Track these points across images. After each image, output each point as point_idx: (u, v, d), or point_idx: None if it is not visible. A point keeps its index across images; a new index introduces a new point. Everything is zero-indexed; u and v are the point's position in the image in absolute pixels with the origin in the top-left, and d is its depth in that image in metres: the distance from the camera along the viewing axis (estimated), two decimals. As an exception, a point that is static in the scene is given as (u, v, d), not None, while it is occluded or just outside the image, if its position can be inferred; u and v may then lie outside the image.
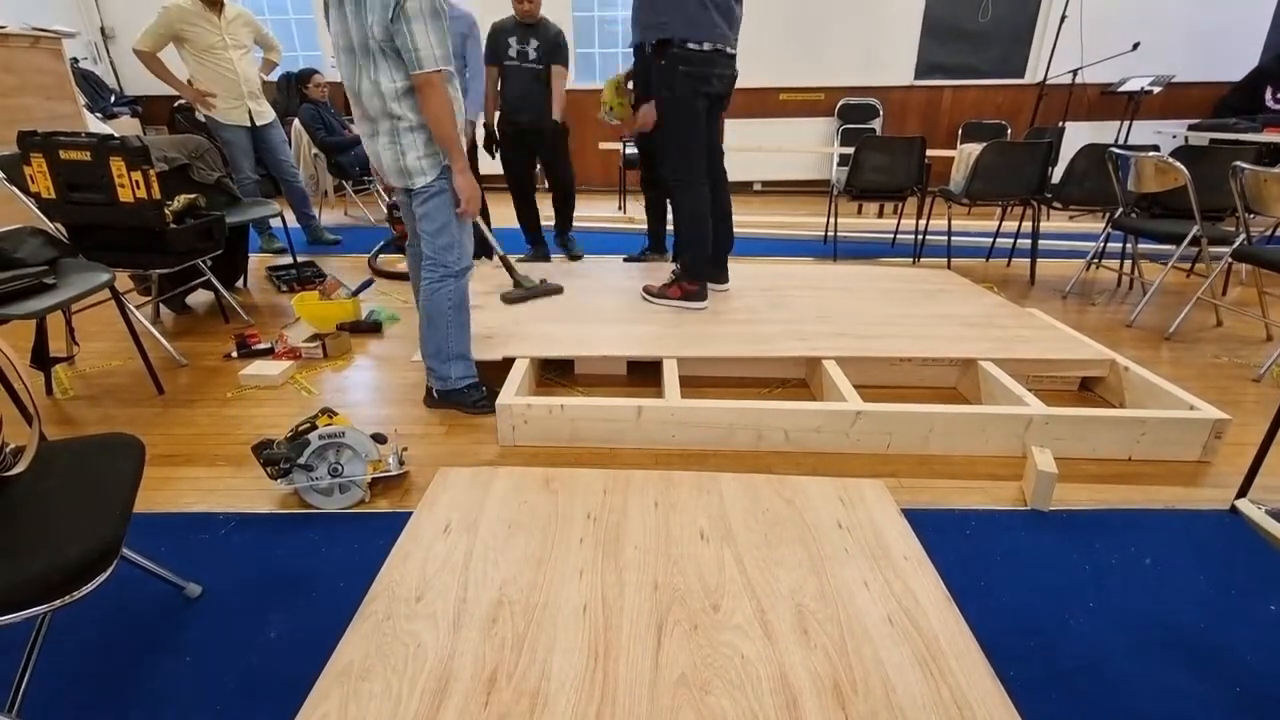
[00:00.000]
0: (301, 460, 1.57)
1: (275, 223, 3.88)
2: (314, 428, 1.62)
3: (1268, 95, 5.54)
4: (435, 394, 2.08)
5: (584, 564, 1.37)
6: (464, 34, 3.15)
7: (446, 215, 1.86)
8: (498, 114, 3.55)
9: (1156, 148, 3.18)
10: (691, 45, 2.30)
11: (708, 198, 2.56)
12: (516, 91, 3.44)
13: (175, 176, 2.75)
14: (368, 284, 2.98)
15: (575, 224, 4.39)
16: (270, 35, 3.80)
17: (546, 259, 3.80)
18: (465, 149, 1.87)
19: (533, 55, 3.39)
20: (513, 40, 3.38)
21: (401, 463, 1.70)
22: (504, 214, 4.57)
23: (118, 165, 2.19)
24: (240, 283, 3.36)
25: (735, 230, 2.88)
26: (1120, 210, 3.18)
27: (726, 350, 2.21)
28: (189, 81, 3.58)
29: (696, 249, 2.59)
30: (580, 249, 4.05)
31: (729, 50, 2.41)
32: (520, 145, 3.59)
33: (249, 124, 3.71)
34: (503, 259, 2.89)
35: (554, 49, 3.46)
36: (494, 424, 1.88)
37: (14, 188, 2.28)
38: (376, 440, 1.65)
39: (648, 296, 2.68)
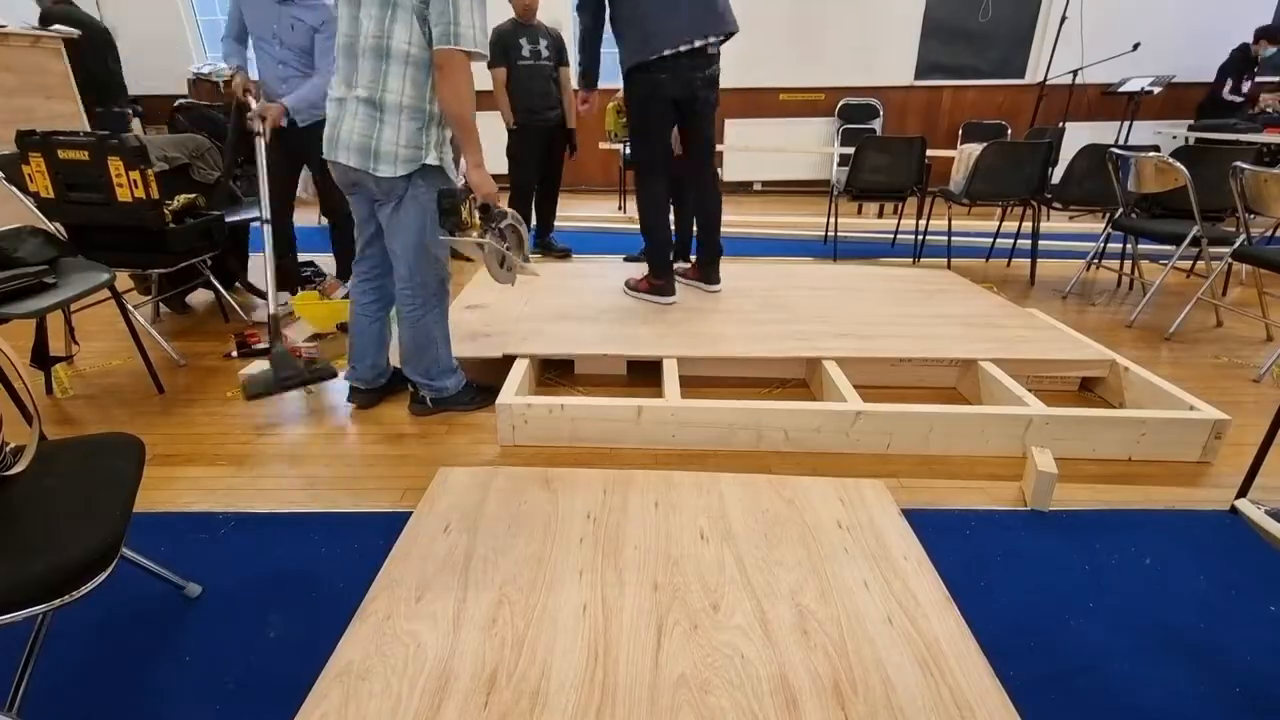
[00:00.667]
0: (500, 225, 1.71)
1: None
2: (505, 214, 1.76)
3: (1226, 88, 5.51)
4: (430, 402, 2.01)
5: (584, 564, 1.37)
6: (315, 27, 2.78)
7: (420, 223, 1.69)
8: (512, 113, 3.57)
9: (1157, 148, 3.18)
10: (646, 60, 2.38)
11: (664, 194, 2.64)
12: (540, 90, 3.48)
13: (176, 176, 2.74)
14: None
15: (576, 223, 4.39)
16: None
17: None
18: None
19: (545, 54, 3.45)
20: (523, 41, 3.41)
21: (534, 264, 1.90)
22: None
23: (116, 165, 2.19)
24: (239, 283, 3.36)
25: (737, 230, 2.90)
26: (1120, 210, 3.18)
27: (727, 350, 2.21)
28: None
29: (653, 243, 2.66)
30: (565, 245, 4.05)
31: (697, 45, 2.36)
32: (537, 144, 3.60)
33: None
34: (271, 317, 2.35)
35: (562, 49, 3.53)
36: (494, 423, 1.88)
37: (13, 187, 2.28)
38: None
39: (626, 290, 2.76)
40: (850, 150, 3.88)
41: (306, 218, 3.13)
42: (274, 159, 2.65)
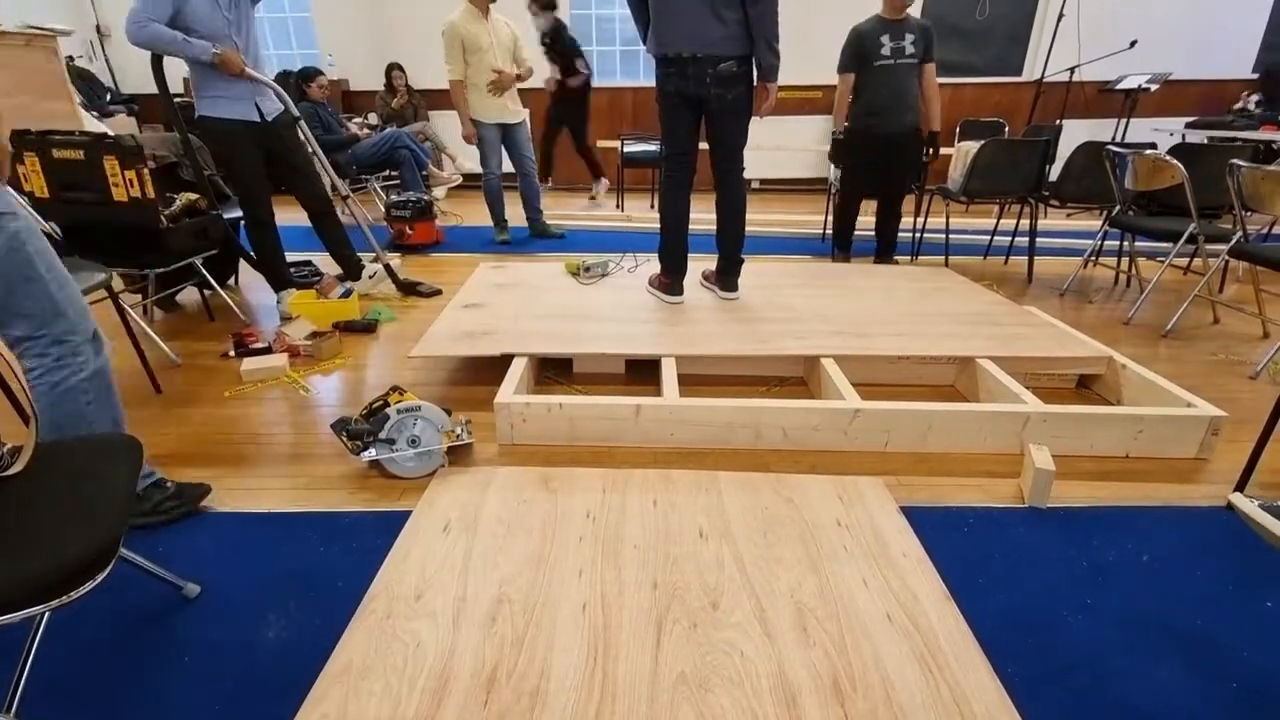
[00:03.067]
0: (383, 434, 1.66)
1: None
2: (387, 404, 1.70)
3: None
4: None
5: (583, 563, 1.37)
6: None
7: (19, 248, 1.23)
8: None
9: (1154, 145, 3.18)
10: (658, 54, 2.41)
11: (680, 199, 2.60)
12: (893, 90, 3.29)
13: (164, 175, 2.73)
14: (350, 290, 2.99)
15: (575, 221, 4.35)
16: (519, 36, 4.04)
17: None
18: None
19: (909, 50, 3.24)
20: (884, 39, 3.22)
21: (469, 433, 1.77)
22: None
23: (111, 164, 2.19)
24: (233, 281, 3.36)
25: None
26: (1117, 208, 3.19)
27: (725, 349, 2.21)
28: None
29: (664, 243, 2.65)
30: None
31: (709, 54, 2.35)
32: (866, 149, 3.45)
33: (502, 121, 4.00)
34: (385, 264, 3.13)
35: (930, 43, 3.30)
36: (493, 422, 1.88)
37: (8, 187, 2.27)
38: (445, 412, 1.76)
39: (647, 287, 2.82)
40: (848, 148, 3.87)
41: (298, 217, 3.08)
42: (252, 156, 2.63)
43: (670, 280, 2.66)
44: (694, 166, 2.59)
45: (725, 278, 2.73)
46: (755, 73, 2.45)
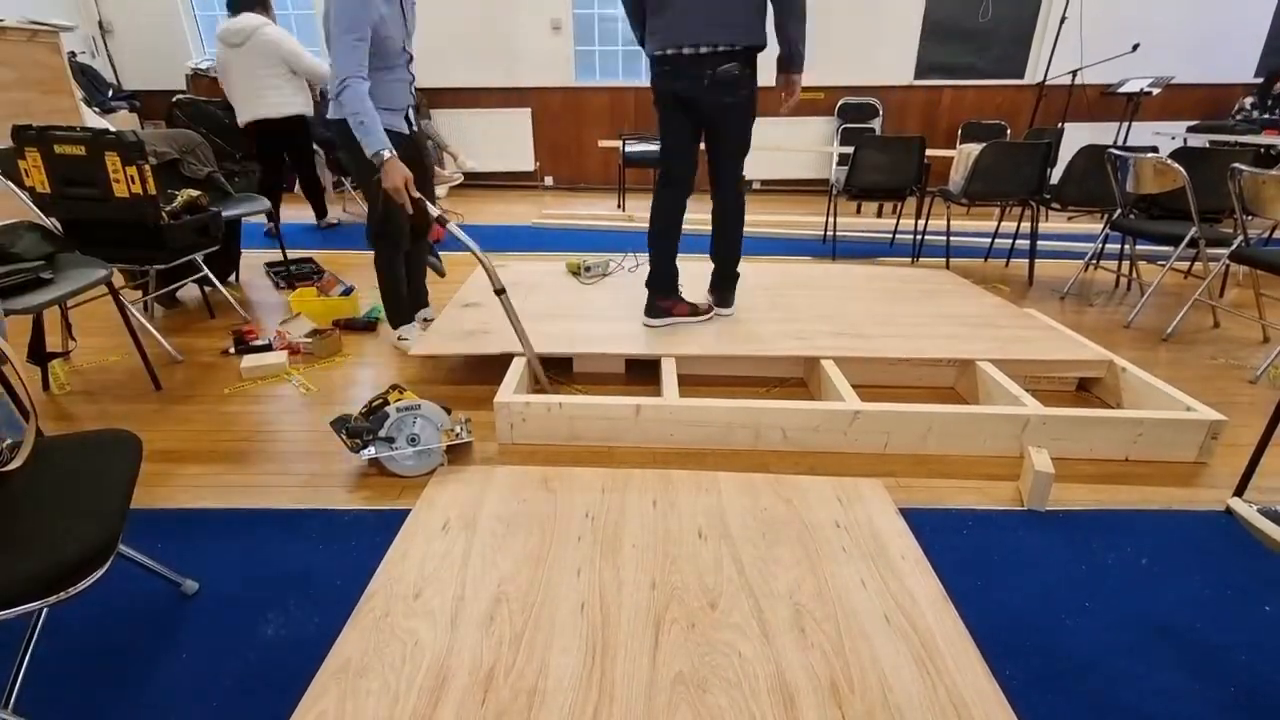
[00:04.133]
0: (382, 432, 1.67)
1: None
2: (387, 402, 1.71)
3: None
4: None
5: (582, 562, 1.37)
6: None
7: None
8: None
9: (1155, 149, 3.18)
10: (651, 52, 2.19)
11: (664, 202, 2.33)
12: None
13: (165, 171, 2.73)
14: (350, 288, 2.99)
15: (575, 221, 4.34)
16: None
17: None
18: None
19: None
20: None
21: (469, 432, 1.77)
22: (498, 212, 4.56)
23: (113, 160, 2.18)
24: (233, 278, 3.35)
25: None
26: (1119, 211, 3.19)
27: (725, 349, 2.21)
28: None
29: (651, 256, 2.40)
30: None
31: (690, 51, 2.16)
32: None
33: None
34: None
35: None
36: (492, 421, 1.88)
37: (9, 182, 2.27)
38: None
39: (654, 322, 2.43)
40: (850, 149, 3.88)
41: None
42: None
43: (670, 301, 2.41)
44: None
45: (721, 292, 2.54)
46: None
